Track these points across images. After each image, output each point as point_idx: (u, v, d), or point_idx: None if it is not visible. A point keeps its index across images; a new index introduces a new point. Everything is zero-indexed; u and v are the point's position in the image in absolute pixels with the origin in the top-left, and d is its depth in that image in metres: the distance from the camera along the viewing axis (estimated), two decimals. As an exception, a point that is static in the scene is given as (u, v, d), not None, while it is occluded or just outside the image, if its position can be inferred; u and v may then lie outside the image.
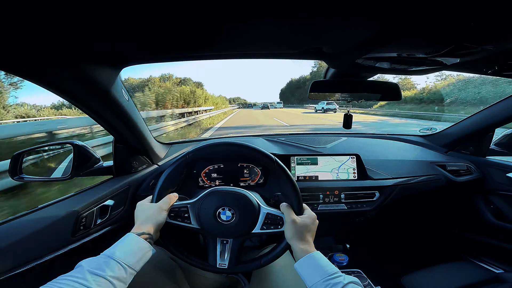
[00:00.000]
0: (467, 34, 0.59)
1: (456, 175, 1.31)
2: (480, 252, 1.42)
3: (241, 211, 0.72)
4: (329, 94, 1.00)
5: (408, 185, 1.20)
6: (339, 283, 0.53)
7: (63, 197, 0.84)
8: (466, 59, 0.78)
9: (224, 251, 0.75)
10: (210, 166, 1.11)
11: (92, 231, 0.85)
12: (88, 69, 0.68)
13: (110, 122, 0.88)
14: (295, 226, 0.66)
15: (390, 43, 0.65)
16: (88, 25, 0.50)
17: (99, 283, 0.49)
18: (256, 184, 1.12)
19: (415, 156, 1.38)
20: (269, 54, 0.75)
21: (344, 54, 0.72)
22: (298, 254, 0.63)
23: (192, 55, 0.74)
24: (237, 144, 0.74)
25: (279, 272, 0.84)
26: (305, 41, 0.66)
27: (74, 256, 0.76)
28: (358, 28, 0.58)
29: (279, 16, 0.52)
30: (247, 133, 1.64)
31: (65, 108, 18.11)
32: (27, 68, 0.59)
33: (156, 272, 0.76)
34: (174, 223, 0.73)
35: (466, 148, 1.43)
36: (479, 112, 1.33)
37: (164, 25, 0.53)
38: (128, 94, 0.88)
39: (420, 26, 0.55)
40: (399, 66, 0.81)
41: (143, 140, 1.03)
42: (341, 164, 1.19)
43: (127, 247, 0.58)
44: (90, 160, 0.95)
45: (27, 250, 0.67)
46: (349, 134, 1.62)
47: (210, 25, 0.55)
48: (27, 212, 0.74)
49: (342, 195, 1.13)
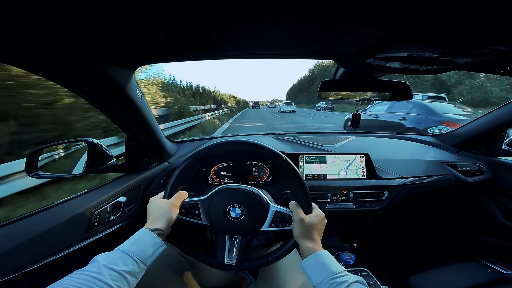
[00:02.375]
0: (480, 34, 0.59)
1: (467, 175, 1.29)
2: (489, 253, 1.40)
3: (250, 208, 0.73)
4: (338, 93, 1.00)
5: (417, 184, 1.19)
6: (345, 282, 0.54)
7: (77, 194, 0.86)
8: (478, 59, 0.77)
9: (233, 248, 0.76)
10: (219, 164, 1.12)
11: (105, 228, 0.88)
12: (105, 68, 0.69)
13: (124, 120, 0.90)
14: (303, 225, 0.67)
15: (402, 44, 0.64)
16: (107, 25, 0.51)
17: (114, 277, 0.50)
18: (265, 182, 1.12)
19: (425, 155, 1.37)
20: (279, 54, 0.75)
21: (355, 54, 0.72)
22: (305, 252, 0.64)
23: (204, 55, 0.75)
24: (247, 142, 0.75)
25: (285, 270, 0.85)
26: (316, 41, 0.66)
27: (88, 252, 0.79)
28: (371, 29, 0.58)
29: (292, 17, 0.52)
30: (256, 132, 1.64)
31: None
32: (47, 67, 0.61)
33: (165, 267, 0.77)
34: (184, 220, 0.74)
35: (478, 148, 1.41)
36: (491, 112, 1.31)
37: (178, 26, 0.54)
38: (141, 93, 0.89)
39: (433, 27, 0.54)
40: (410, 66, 0.81)
41: (154, 138, 1.05)
42: (350, 163, 1.19)
43: (141, 243, 0.59)
44: (103, 157, 0.97)
45: (44, 246, 0.68)
46: (358, 133, 1.61)
47: (224, 26, 0.55)
48: (43, 208, 0.76)
49: (350, 194, 1.13)
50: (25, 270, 0.63)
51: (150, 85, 8.51)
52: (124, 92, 0.79)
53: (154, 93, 8.57)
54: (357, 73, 0.94)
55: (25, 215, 0.72)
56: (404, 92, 0.94)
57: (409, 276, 1.14)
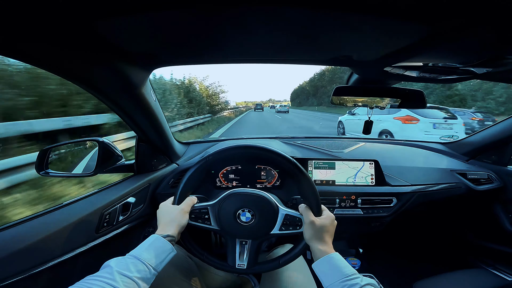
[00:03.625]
0: (503, 44, 0.58)
1: (477, 184, 1.28)
2: (494, 260, 1.40)
3: (260, 212, 0.73)
4: (352, 99, 0.99)
5: (426, 192, 1.18)
6: (356, 285, 0.54)
7: (87, 194, 0.86)
8: (499, 69, 0.76)
9: (243, 252, 0.76)
10: (228, 167, 1.11)
11: (114, 228, 0.87)
12: (123, 69, 0.69)
13: (136, 120, 0.90)
14: (314, 227, 0.67)
15: (423, 53, 0.63)
16: (130, 27, 0.51)
17: (126, 283, 0.50)
18: (273, 186, 1.12)
19: (435, 163, 1.36)
20: (298, 60, 0.74)
21: (374, 62, 0.71)
22: (317, 254, 0.64)
23: (220, 59, 0.75)
24: (256, 146, 0.75)
25: (288, 272, 0.85)
26: (336, 49, 0.65)
27: (96, 252, 0.79)
28: (393, 38, 0.57)
29: (314, 26, 0.51)
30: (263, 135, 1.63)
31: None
32: (66, 65, 0.60)
33: (173, 268, 0.78)
34: (195, 225, 0.74)
35: (488, 157, 1.40)
36: (502, 121, 1.30)
37: (197, 31, 0.54)
38: (155, 95, 0.89)
39: (457, 37, 0.53)
40: (429, 74, 0.79)
41: (165, 140, 1.05)
42: (359, 170, 1.18)
43: (153, 249, 0.59)
44: (113, 157, 0.96)
45: (54, 246, 0.69)
46: (367, 140, 1.59)
47: (239, 33, 0.55)
48: (54, 208, 0.76)
49: (358, 200, 1.12)
50: (36, 270, 0.63)
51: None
52: (139, 93, 0.79)
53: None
54: (371, 79, 0.93)
55: (36, 215, 0.72)
56: (418, 100, 0.92)
57: (414, 282, 1.14)
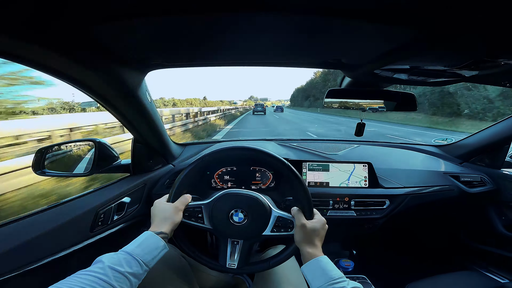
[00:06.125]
0: (491, 48, 0.59)
1: (469, 186, 1.29)
2: (489, 262, 1.41)
3: (253, 213, 0.74)
4: (344, 102, 1.00)
5: (419, 194, 1.20)
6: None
7: (83, 193, 0.87)
8: (486, 72, 0.77)
9: (234, 252, 0.77)
10: (223, 168, 1.13)
11: (109, 227, 0.88)
12: (119, 72, 0.71)
13: (132, 121, 0.91)
14: (305, 230, 0.68)
15: (411, 56, 0.65)
16: (126, 31, 0.52)
17: (118, 279, 0.51)
18: (267, 188, 1.13)
19: (428, 166, 1.37)
20: (288, 63, 0.76)
21: (363, 65, 0.73)
22: (305, 257, 0.65)
23: (214, 62, 0.76)
24: (251, 148, 0.76)
25: (282, 273, 0.85)
26: (325, 52, 0.67)
27: (91, 251, 0.79)
28: (380, 42, 0.59)
29: (303, 29, 0.53)
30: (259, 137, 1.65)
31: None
32: (63, 68, 0.61)
33: (166, 268, 0.78)
34: (188, 223, 0.75)
35: (481, 159, 1.41)
36: (495, 124, 1.31)
37: (190, 35, 0.55)
38: (151, 96, 0.91)
39: (444, 41, 0.55)
40: (417, 77, 0.81)
41: (161, 140, 1.06)
42: (352, 172, 1.19)
43: (146, 245, 0.60)
44: (109, 157, 0.98)
45: (48, 244, 0.69)
46: (362, 142, 1.61)
47: (233, 37, 0.57)
48: (49, 207, 0.77)
49: (352, 202, 1.13)
50: (29, 268, 0.63)
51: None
52: (135, 95, 0.80)
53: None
54: (363, 82, 0.95)
55: (31, 213, 0.73)
56: (409, 103, 0.94)
57: (407, 284, 1.14)
